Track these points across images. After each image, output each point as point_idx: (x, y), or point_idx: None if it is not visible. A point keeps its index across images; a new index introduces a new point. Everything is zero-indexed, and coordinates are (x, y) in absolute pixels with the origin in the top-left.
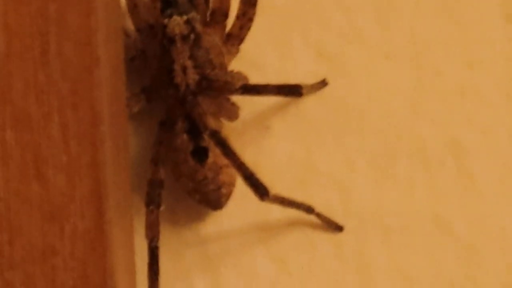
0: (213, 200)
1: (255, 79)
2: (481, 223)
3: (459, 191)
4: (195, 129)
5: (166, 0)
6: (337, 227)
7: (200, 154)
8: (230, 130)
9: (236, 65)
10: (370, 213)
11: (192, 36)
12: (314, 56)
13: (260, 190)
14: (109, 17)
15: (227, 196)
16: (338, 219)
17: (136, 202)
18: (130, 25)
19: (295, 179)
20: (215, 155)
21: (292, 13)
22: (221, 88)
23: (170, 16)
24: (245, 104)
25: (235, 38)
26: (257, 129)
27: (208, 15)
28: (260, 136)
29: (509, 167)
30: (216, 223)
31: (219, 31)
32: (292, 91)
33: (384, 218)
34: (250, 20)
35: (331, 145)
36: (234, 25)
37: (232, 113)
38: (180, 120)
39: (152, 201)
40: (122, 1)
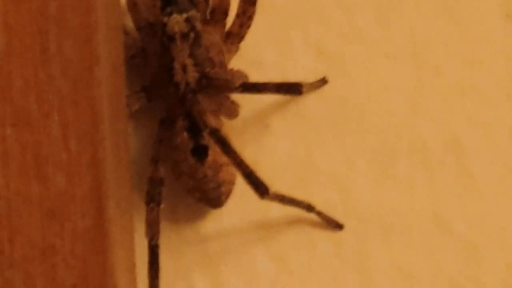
0: (213, 198)
1: (255, 77)
2: (481, 222)
3: (459, 190)
4: (195, 127)
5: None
6: (337, 226)
7: (200, 152)
8: (230, 128)
9: (236, 63)
10: (370, 212)
11: (192, 34)
12: (314, 55)
13: (260, 188)
14: (109, 16)
15: (227, 194)
16: (338, 217)
17: (136, 200)
18: (130, 24)
19: (295, 178)
20: (215, 153)
21: (292, 11)
22: (221, 86)
23: (170, 14)
24: (245, 102)
25: (235, 36)
26: (257, 127)
27: (208, 13)
28: (260, 135)
29: (509, 166)
30: (216, 221)
31: (219, 29)
32: (292, 89)
33: (384, 217)
34: (250, 18)
35: (331, 144)
36: (234, 24)
37: (232, 111)
38: (180, 118)
39: (152, 199)
40: (122, 0)
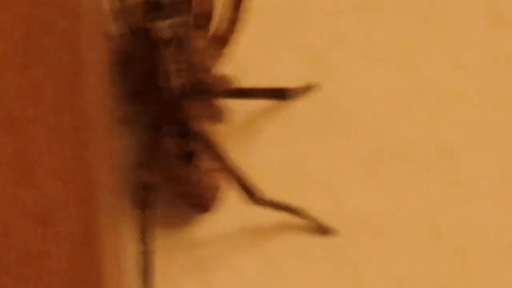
0: (201, 203)
1: (242, 82)
2: (472, 226)
3: (449, 194)
4: (182, 133)
5: (150, 4)
6: (329, 231)
7: (188, 157)
8: (221, 133)
9: (223, 68)
10: (361, 217)
11: (176, 40)
12: (301, 60)
13: (251, 194)
14: (93, 21)
15: (215, 199)
16: (330, 223)
17: (126, 205)
18: (114, 29)
19: (286, 183)
20: (202, 159)
21: (279, 16)
22: (206, 91)
23: (154, 20)
24: (236, 107)
25: (221, 41)
26: (247, 132)
27: (192, 18)
28: (251, 140)
29: (498, 170)
30: (208, 226)
31: (204, 34)
32: (278, 94)
33: (375, 222)
34: (235, 23)
35: (323, 149)
36: (219, 28)
37: (220, 116)
38: (167, 123)
39: (142, 205)
40: (106, 5)
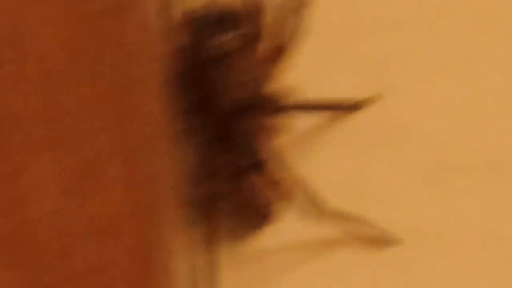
0: (264, 215)
1: (301, 95)
2: None
3: (510, 206)
4: (241, 148)
5: (203, 21)
6: (393, 241)
7: (250, 170)
8: (281, 146)
9: (281, 81)
10: (423, 228)
11: (228, 58)
12: (362, 72)
13: (316, 205)
14: (144, 40)
15: (275, 213)
16: (395, 233)
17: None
18: (172, 45)
19: (348, 195)
20: (265, 171)
21: (340, 28)
22: (265, 105)
23: (207, 37)
24: (296, 120)
25: (278, 55)
26: (308, 145)
27: (246, 33)
28: (312, 152)
29: None
30: (271, 238)
31: (258, 49)
32: (339, 107)
33: (442, 233)
34: (293, 36)
35: (383, 161)
36: (277, 42)
37: (280, 129)
38: (224, 138)
39: (207, 216)
40: (157, 24)
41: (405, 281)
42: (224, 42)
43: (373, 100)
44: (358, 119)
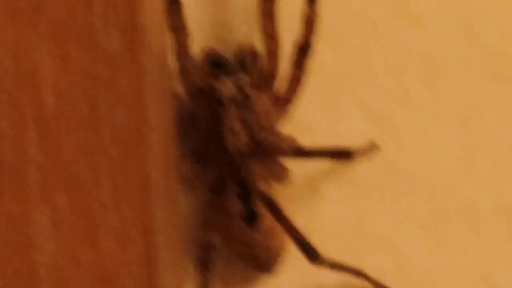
0: (264, 264)
1: (305, 141)
2: None
3: (510, 253)
4: (245, 192)
5: (215, 63)
6: None
7: (250, 217)
8: (280, 193)
9: (286, 127)
10: (422, 276)
11: (242, 99)
12: (364, 119)
13: (311, 254)
14: (158, 80)
15: (278, 260)
16: (390, 283)
17: (188, 266)
18: (180, 88)
19: (346, 243)
20: (265, 219)
21: (342, 75)
22: (271, 151)
23: (219, 78)
24: (295, 167)
25: (285, 101)
26: (307, 192)
27: (257, 77)
28: (310, 199)
29: None
30: (268, 287)
31: (268, 93)
32: (342, 154)
33: (435, 281)
34: (299, 82)
35: (382, 208)
36: (284, 88)
37: (283, 176)
38: (230, 183)
39: (203, 265)
40: (172, 64)
41: None
42: (237, 84)
43: (374, 147)
44: (358, 167)
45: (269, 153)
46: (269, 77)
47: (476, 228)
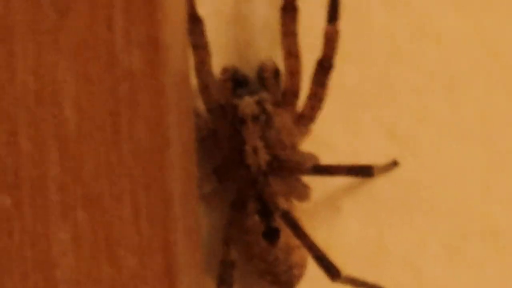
0: (284, 281)
1: (325, 159)
2: None
3: None
4: (266, 210)
5: (237, 81)
6: None
7: (271, 235)
8: (301, 210)
9: (307, 145)
10: None
11: (263, 116)
12: (385, 137)
13: (332, 271)
14: (180, 97)
15: (298, 277)
16: None
17: (208, 283)
18: (201, 105)
19: (366, 260)
20: (286, 236)
21: (363, 93)
22: (292, 168)
23: (241, 96)
24: (316, 184)
25: (306, 118)
26: (328, 209)
27: (279, 95)
28: (331, 217)
29: None
30: None
31: (290, 111)
32: (363, 171)
33: None
34: (321, 100)
35: (403, 226)
36: (305, 105)
37: (303, 193)
38: (251, 200)
39: (223, 282)
40: (193, 81)
41: None
42: (259, 102)
43: (394, 165)
44: (378, 184)
45: (289, 170)
46: (290, 95)
47: (497, 246)
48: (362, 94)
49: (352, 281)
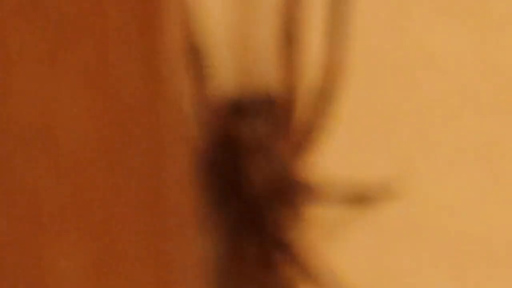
0: None
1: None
2: None
3: None
4: (265, 240)
5: (236, 110)
6: None
7: (270, 265)
8: (300, 237)
9: (306, 173)
10: None
11: (261, 145)
12: (387, 162)
13: None
14: (176, 126)
15: None
16: None
17: None
18: (198, 134)
19: (372, 284)
20: (284, 265)
21: (363, 121)
22: (291, 197)
23: (239, 125)
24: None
25: (305, 146)
26: (329, 235)
27: (278, 123)
28: (334, 243)
29: None
30: None
31: (288, 139)
32: (365, 197)
33: None
34: (319, 128)
35: (406, 250)
36: (304, 133)
37: (302, 221)
38: (249, 230)
39: None
40: (190, 110)
41: None
42: (256, 127)
43: (394, 191)
44: (380, 210)
45: (289, 199)
46: (290, 123)
47: (501, 272)
48: (363, 122)
49: None
